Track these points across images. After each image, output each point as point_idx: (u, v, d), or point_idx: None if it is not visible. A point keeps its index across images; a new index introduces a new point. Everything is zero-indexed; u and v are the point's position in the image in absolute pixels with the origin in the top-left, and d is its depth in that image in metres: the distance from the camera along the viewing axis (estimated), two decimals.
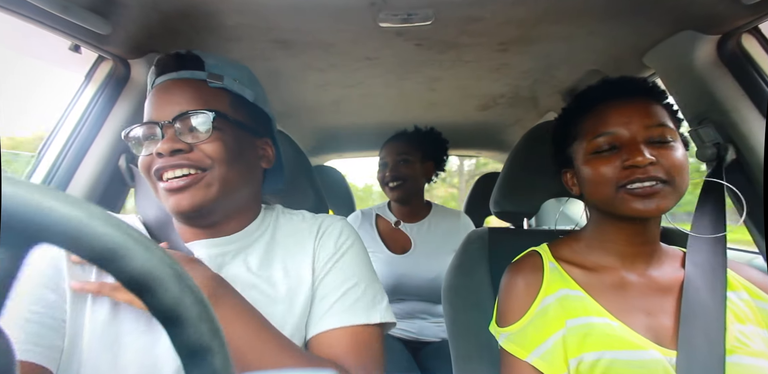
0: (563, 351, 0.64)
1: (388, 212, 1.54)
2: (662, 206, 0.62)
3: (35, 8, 0.68)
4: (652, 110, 0.65)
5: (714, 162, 0.86)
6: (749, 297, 0.65)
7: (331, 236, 0.69)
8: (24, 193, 0.23)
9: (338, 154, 2.37)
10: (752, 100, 0.82)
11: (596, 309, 0.66)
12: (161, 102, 0.62)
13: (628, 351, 0.61)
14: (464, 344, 0.84)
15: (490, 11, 0.83)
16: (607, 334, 0.63)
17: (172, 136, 0.60)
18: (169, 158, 0.59)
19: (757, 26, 0.81)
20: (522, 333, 0.68)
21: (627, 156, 0.62)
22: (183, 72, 0.64)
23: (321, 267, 0.66)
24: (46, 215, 0.23)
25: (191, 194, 0.59)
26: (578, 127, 0.71)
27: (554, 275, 0.71)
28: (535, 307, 0.69)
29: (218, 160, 0.60)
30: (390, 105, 1.54)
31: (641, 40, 0.95)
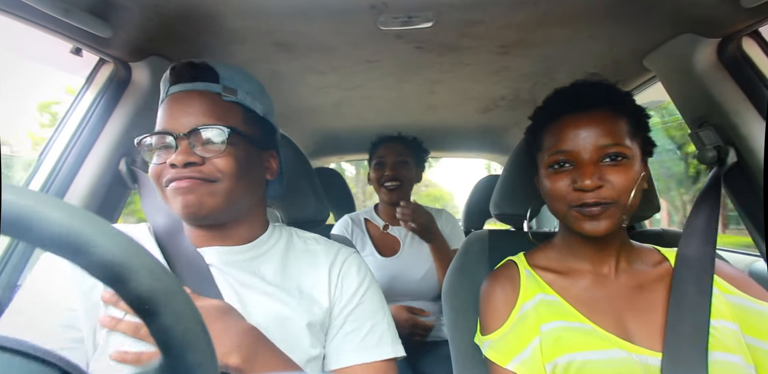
0: (540, 358, 0.65)
1: (376, 217, 1.56)
2: (609, 226, 0.64)
3: (37, 11, 0.68)
4: (609, 126, 0.64)
5: (715, 165, 0.86)
6: (719, 290, 0.66)
7: (351, 269, 0.71)
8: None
9: (338, 156, 2.37)
10: (752, 103, 0.82)
11: (570, 312, 0.67)
12: (176, 113, 0.63)
13: (597, 351, 0.62)
14: (464, 345, 0.83)
15: (490, 14, 0.84)
16: (578, 336, 0.64)
17: (186, 148, 0.61)
18: (181, 170, 0.60)
19: (757, 30, 0.81)
20: (503, 340, 0.69)
21: (577, 177, 0.64)
22: (198, 83, 0.65)
23: (346, 300, 0.68)
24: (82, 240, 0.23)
25: (197, 196, 0.60)
26: (541, 138, 0.72)
27: (530, 282, 0.73)
28: (515, 314, 0.70)
29: (228, 174, 0.62)
30: (390, 108, 1.54)
31: (641, 43, 0.95)
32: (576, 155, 0.65)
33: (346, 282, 0.69)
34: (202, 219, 0.63)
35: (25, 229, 0.23)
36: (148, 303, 0.25)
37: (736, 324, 0.63)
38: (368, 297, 0.70)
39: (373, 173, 1.52)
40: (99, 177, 0.92)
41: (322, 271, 0.69)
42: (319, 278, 0.68)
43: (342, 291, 0.69)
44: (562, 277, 0.73)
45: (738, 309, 0.64)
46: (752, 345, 0.61)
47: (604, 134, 0.64)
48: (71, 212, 0.24)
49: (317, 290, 0.67)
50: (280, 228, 0.76)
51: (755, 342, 0.61)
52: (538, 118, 0.75)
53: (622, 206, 0.63)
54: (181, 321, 0.26)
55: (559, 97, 0.73)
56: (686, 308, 0.64)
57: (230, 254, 0.67)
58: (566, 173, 0.66)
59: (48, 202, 0.24)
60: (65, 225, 0.23)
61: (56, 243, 0.23)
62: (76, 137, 0.91)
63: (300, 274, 0.68)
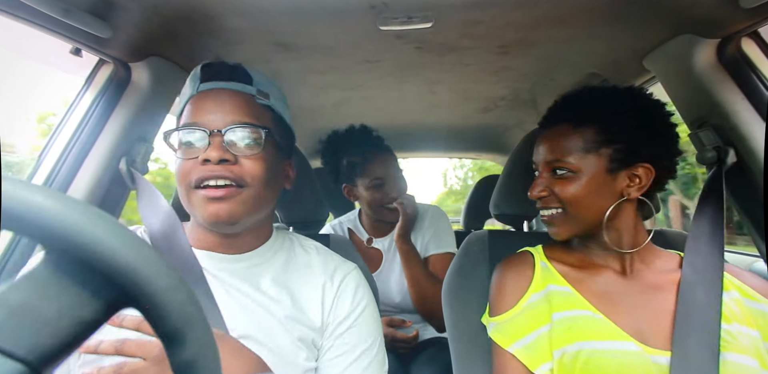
0: (548, 343, 0.67)
1: (361, 229, 1.45)
2: (561, 233, 0.72)
3: (36, 12, 0.68)
4: (561, 142, 0.71)
5: (714, 165, 0.86)
6: (740, 295, 0.66)
7: (347, 289, 0.69)
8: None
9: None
10: (752, 103, 0.82)
11: (581, 302, 0.69)
12: (211, 108, 0.62)
13: (608, 342, 0.63)
14: (464, 346, 0.83)
15: (489, 14, 0.84)
16: (589, 325, 0.65)
17: (220, 145, 0.59)
18: (214, 167, 0.58)
19: (756, 30, 0.81)
20: (508, 324, 0.72)
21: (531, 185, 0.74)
22: (233, 83, 0.64)
23: (339, 322, 0.66)
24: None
25: (230, 205, 0.59)
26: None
27: (544, 273, 0.75)
28: (524, 301, 0.73)
29: (257, 179, 0.61)
30: (390, 108, 1.54)
31: (641, 43, 0.95)
32: (537, 166, 0.76)
33: (341, 302, 0.67)
34: (227, 227, 0.62)
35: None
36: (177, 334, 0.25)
37: (755, 331, 0.62)
38: (362, 319, 0.67)
39: (370, 195, 1.33)
40: (99, 177, 0.92)
41: (317, 289, 0.67)
42: (314, 296, 0.66)
43: (336, 312, 0.66)
44: (578, 270, 0.74)
45: (759, 314, 0.64)
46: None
47: (553, 150, 0.72)
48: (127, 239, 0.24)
49: (311, 308, 0.65)
50: (283, 236, 0.74)
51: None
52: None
53: (572, 216, 0.70)
54: (202, 354, 0.26)
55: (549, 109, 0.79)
56: (695, 309, 0.64)
57: (228, 261, 0.65)
58: (534, 179, 0.76)
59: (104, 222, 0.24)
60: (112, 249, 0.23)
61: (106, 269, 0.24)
62: (76, 138, 0.91)
63: (295, 287, 0.67)
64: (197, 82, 0.65)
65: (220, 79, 0.64)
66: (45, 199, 0.23)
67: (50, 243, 0.24)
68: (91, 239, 0.23)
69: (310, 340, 0.64)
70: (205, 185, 0.59)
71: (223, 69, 0.66)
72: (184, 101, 0.66)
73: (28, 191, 0.23)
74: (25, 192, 0.23)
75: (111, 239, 0.23)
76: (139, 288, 0.24)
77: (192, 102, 0.64)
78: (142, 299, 0.24)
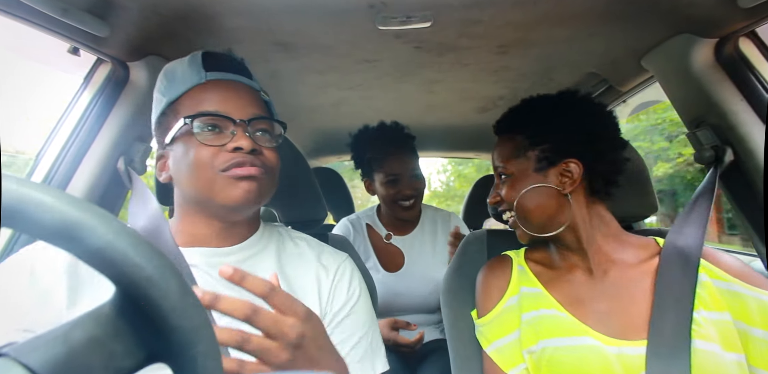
0: (519, 345, 0.70)
1: (379, 224, 1.44)
2: (521, 235, 0.77)
3: (34, 11, 0.68)
4: (500, 150, 0.78)
5: (712, 165, 0.86)
6: (708, 277, 0.67)
7: (344, 278, 0.69)
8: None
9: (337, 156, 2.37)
10: (749, 103, 0.83)
11: (548, 301, 0.72)
12: (232, 98, 0.63)
13: (567, 338, 0.66)
14: (463, 346, 0.83)
15: (488, 14, 0.84)
16: (552, 324, 0.68)
17: (245, 135, 0.60)
18: (247, 155, 0.60)
19: (754, 30, 0.81)
20: (488, 326, 0.76)
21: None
22: (241, 77, 0.66)
23: (336, 310, 0.66)
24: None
25: (260, 184, 0.61)
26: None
27: (519, 276, 0.78)
28: (501, 305, 0.76)
29: (275, 169, 0.64)
30: (389, 107, 1.54)
31: (639, 43, 0.95)
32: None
33: (337, 291, 0.67)
34: (247, 208, 0.63)
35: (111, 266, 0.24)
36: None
37: (725, 313, 0.63)
38: (358, 307, 0.68)
39: (385, 190, 1.34)
40: (97, 177, 0.91)
41: (312, 279, 0.67)
42: (310, 286, 0.66)
43: (333, 300, 0.67)
44: (551, 270, 0.77)
45: (728, 295, 0.64)
46: (743, 331, 0.62)
47: (496, 159, 0.79)
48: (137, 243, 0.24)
49: (307, 298, 0.65)
50: (271, 229, 0.73)
51: (746, 328, 0.62)
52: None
53: (521, 217, 0.75)
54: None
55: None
56: (671, 297, 0.65)
57: (218, 255, 0.64)
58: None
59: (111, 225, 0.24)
60: (107, 240, 0.24)
61: (50, 234, 0.23)
62: (74, 137, 0.91)
63: (290, 278, 0.66)
64: (201, 70, 0.64)
65: (228, 70, 0.65)
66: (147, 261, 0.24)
67: (126, 286, 0.25)
68: (163, 291, 0.24)
69: None
70: (237, 167, 0.60)
71: (229, 61, 0.66)
72: (186, 87, 0.64)
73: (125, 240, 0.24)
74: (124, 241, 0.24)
75: (179, 301, 0.25)
76: (185, 349, 0.25)
77: (201, 90, 0.63)
78: (180, 360, 0.25)
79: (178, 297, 0.25)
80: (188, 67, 0.65)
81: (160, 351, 0.26)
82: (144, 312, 0.24)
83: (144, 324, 0.25)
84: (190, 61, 0.66)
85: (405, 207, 1.34)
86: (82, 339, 0.24)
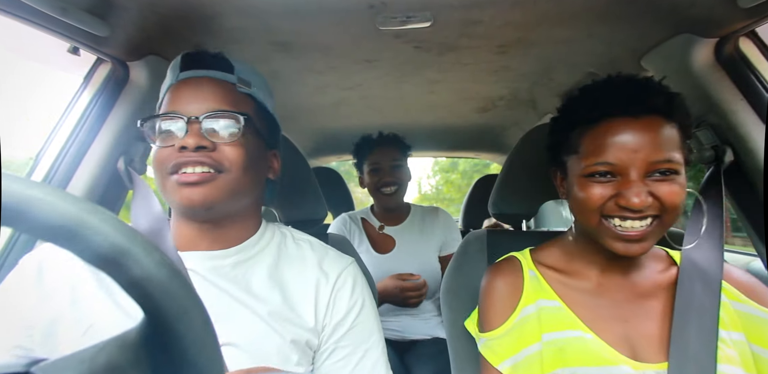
0: (539, 365, 0.63)
1: (373, 217, 1.57)
2: (646, 249, 0.60)
3: (34, 10, 0.68)
4: (663, 137, 0.58)
5: (712, 164, 0.86)
6: (726, 298, 0.64)
7: (345, 286, 0.66)
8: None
9: (337, 156, 2.38)
10: (749, 102, 0.83)
11: (572, 320, 0.65)
12: (188, 96, 0.61)
13: (600, 368, 0.60)
14: (463, 345, 0.83)
15: (488, 14, 0.84)
16: (581, 349, 0.62)
17: (198, 132, 0.59)
18: (191, 154, 0.58)
19: (754, 30, 0.81)
20: (499, 340, 0.67)
21: (622, 192, 0.58)
22: (214, 71, 0.64)
23: (337, 322, 0.64)
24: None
25: (205, 190, 0.58)
26: (577, 140, 0.64)
27: (533, 284, 0.70)
28: (515, 317, 0.68)
29: (236, 165, 0.60)
30: (389, 107, 1.54)
31: (639, 42, 0.95)
32: (622, 169, 0.58)
33: (338, 301, 0.65)
34: (202, 213, 0.60)
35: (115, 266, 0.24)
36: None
37: (741, 334, 0.61)
38: (363, 317, 0.65)
39: (369, 179, 1.50)
40: (97, 177, 0.92)
41: (310, 286, 0.64)
42: (307, 294, 0.64)
43: (333, 311, 0.64)
44: (566, 278, 0.70)
45: (744, 317, 0.62)
46: (757, 354, 0.60)
47: (655, 148, 0.57)
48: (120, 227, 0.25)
49: (303, 306, 0.63)
50: (273, 229, 0.72)
51: (760, 351, 0.60)
52: (575, 115, 0.66)
53: (665, 224, 0.59)
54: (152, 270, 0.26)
55: (602, 95, 0.63)
56: (692, 316, 0.61)
57: (215, 259, 0.63)
58: (606, 184, 0.60)
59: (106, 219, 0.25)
60: (110, 236, 0.24)
61: (97, 258, 0.24)
62: (74, 137, 0.91)
63: (287, 283, 0.64)
64: (177, 71, 0.65)
65: (200, 67, 0.64)
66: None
67: (156, 317, 0.25)
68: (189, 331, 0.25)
69: (304, 342, 0.61)
70: (182, 172, 0.58)
71: (203, 57, 0.65)
72: (164, 90, 0.66)
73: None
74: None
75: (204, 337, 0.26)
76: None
77: (171, 91, 0.63)
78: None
79: (200, 331, 0.26)
80: (170, 71, 0.67)
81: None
82: (166, 343, 0.25)
83: (163, 355, 0.25)
84: (172, 64, 0.67)
85: (386, 194, 1.47)
86: (104, 365, 0.24)
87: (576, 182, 0.64)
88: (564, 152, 0.68)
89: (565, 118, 0.69)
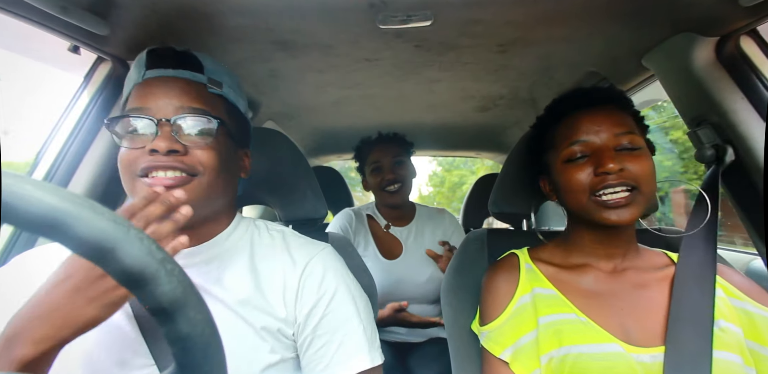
0: (536, 349, 0.67)
1: (379, 215, 1.53)
2: (634, 215, 0.65)
3: (34, 9, 0.68)
4: (619, 118, 0.69)
5: (713, 163, 0.86)
6: (724, 294, 0.67)
7: (313, 273, 0.64)
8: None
9: (337, 155, 2.38)
10: (750, 101, 0.83)
11: (566, 305, 0.69)
12: (159, 97, 0.59)
13: (592, 345, 0.63)
14: (464, 345, 0.83)
15: (489, 13, 0.83)
16: (574, 329, 0.65)
17: (169, 135, 0.57)
18: (162, 158, 0.56)
19: (755, 28, 0.81)
20: (499, 330, 0.71)
21: (598, 163, 0.66)
22: (183, 71, 0.61)
23: (306, 314, 0.62)
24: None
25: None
26: (552, 136, 0.74)
27: (529, 275, 0.74)
28: (512, 306, 0.72)
29: (209, 168, 0.59)
30: (389, 106, 1.54)
31: (640, 41, 0.95)
32: (592, 145, 0.68)
33: (306, 290, 0.63)
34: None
35: (60, 231, 0.24)
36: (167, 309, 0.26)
37: (739, 328, 0.63)
38: (335, 305, 0.63)
39: (372, 179, 1.48)
40: (97, 176, 0.92)
41: (278, 275, 0.63)
42: (276, 283, 0.63)
43: (302, 301, 0.62)
44: (562, 271, 0.74)
45: (742, 313, 0.65)
46: (754, 350, 0.62)
47: (617, 124, 0.68)
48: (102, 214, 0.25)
49: (273, 295, 0.62)
50: (247, 223, 0.70)
51: (757, 348, 0.62)
52: (546, 119, 0.77)
53: (645, 194, 0.65)
54: (197, 327, 0.28)
55: (564, 99, 0.76)
56: (688, 305, 0.64)
57: (186, 257, 0.62)
58: (583, 164, 0.68)
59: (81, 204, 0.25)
60: (95, 228, 0.25)
61: (84, 247, 0.24)
62: (75, 135, 0.91)
63: (260, 275, 0.64)
64: (143, 69, 0.62)
65: (168, 66, 0.61)
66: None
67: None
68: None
69: (276, 329, 0.60)
70: (152, 176, 0.56)
71: (170, 56, 0.62)
72: (129, 88, 0.63)
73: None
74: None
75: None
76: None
77: (137, 89, 0.61)
78: None
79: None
80: (134, 67, 0.64)
81: None
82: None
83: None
84: (137, 61, 0.64)
85: (390, 192, 1.44)
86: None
87: (559, 172, 0.71)
88: (543, 152, 0.77)
89: (538, 126, 0.80)
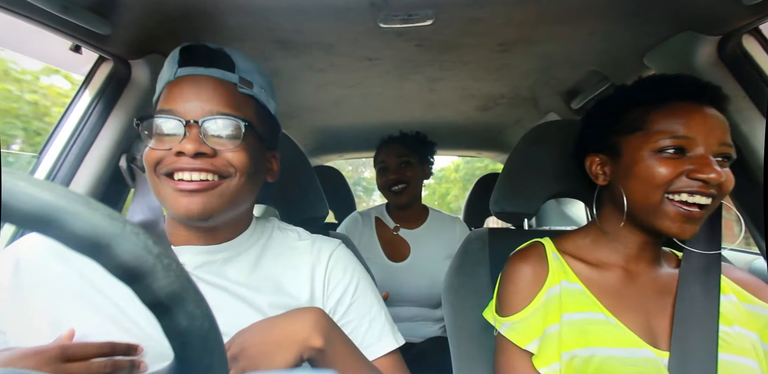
0: (557, 344, 0.64)
1: (388, 217, 1.52)
2: (695, 232, 0.62)
3: (36, 8, 0.68)
4: (726, 125, 0.62)
5: None
6: (737, 300, 0.66)
7: (337, 266, 0.68)
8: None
9: (338, 154, 2.37)
10: (753, 100, 0.82)
11: (593, 303, 0.66)
12: (187, 96, 0.58)
13: (623, 349, 0.61)
14: (464, 344, 0.83)
15: (490, 12, 0.83)
16: (603, 331, 0.63)
17: (197, 137, 0.56)
18: (190, 160, 0.55)
19: (757, 27, 0.81)
20: (526, 322, 0.67)
21: (700, 169, 0.59)
22: (214, 70, 0.60)
23: (337, 300, 0.66)
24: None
25: (204, 199, 0.56)
26: (643, 118, 0.64)
27: (557, 265, 0.71)
28: (541, 297, 0.68)
29: (240, 170, 0.58)
30: (390, 105, 1.54)
31: (642, 40, 0.94)
32: (695, 144, 0.60)
33: (333, 280, 0.66)
34: (200, 222, 0.59)
35: (56, 227, 0.24)
36: (164, 303, 0.26)
37: (755, 334, 0.62)
38: (360, 292, 0.67)
39: (378, 179, 1.49)
40: (99, 175, 0.92)
41: (304, 270, 0.66)
42: (300, 277, 0.65)
43: (330, 290, 0.66)
44: (589, 268, 0.71)
45: (757, 317, 0.64)
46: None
47: (723, 131, 0.61)
48: (97, 209, 0.25)
49: (299, 289, 0.64)
50: (263, 224, 0.71)
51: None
52: (639, 97, 0.67)
53: (713, 208, 0.61)
54: (195, 321, 0.27)
55: (669, 81, 0.66)
56: (692, 310, 0.63)
57: (205, 254, 0.63)
58: (677, 160, 0.61)
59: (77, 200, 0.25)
60: (91, 224, 0.24)
61: (80, 242, 0.24)
62: (76, 135, 0.91)
63: (278, 273, 0.65)
64: (175, 67, 0.61)
65: (200, 64, 0.60)
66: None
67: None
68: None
69: None
70: (178, 179, 0.56)
71: (203, 53, 0.61)
72: (161, 86, 0.62)
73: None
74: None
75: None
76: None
77: (168, 88, 0.60)
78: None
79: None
80: (167, 65, 0.63)
81: None
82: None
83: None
84: (170, 58, 0.63)
85: (395, 192, 1.44)
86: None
87: (640, 159, 0.63)
88: (619, 132, 0.68)
89: (627, 98, 0.69)
